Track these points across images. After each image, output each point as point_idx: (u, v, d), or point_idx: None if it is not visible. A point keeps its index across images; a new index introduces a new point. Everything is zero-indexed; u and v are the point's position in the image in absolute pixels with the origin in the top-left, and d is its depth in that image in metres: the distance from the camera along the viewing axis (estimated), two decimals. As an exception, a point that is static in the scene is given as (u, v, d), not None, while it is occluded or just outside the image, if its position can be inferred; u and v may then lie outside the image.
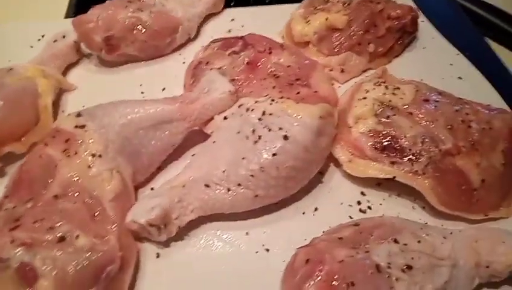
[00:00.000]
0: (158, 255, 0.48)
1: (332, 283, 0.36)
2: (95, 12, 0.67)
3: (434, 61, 0.69)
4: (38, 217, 0.44)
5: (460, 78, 0.66)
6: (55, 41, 0.69)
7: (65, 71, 0.70)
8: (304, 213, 0.51)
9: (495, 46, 0.74)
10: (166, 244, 0.48)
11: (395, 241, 0.40)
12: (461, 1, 0.80)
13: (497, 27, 0.76)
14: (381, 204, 0.51)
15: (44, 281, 0.40)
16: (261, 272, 0.46)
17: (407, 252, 0.39)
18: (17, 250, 0.41)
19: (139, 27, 0.68)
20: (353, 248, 0.39)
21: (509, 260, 0.41)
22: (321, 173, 0.54)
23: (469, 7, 0.78)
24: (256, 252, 0.48)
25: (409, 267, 0.38)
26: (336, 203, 0.52)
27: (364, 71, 0.67)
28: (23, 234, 0.42)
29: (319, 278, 0.37)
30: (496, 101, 0.60)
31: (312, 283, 0.37)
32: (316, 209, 0.51)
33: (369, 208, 0.51)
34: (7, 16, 0.85)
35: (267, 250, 0.48)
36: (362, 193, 0.52)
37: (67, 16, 0.84)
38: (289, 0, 0.78)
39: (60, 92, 0.66)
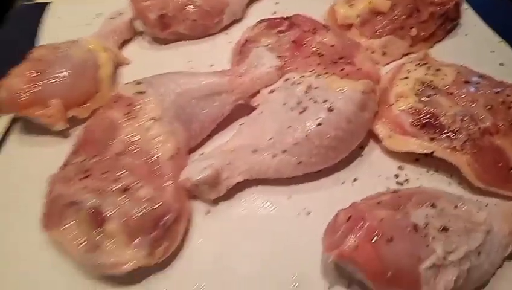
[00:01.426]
0: (208, 212, 0.52)
1: (373, 238, 0.39)
2: (151, -9, 0.72)
3: (475, 48, 0.70)
4: (105, 169, 0.49)
5: (501, 64, 0.67)
6: (112, 18, 0.74)
7: (120, 46, 0.75)
8: (343, 183, 0.54)
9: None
10: (215, 203, 0.52)
11: (433, 205, 0.42)
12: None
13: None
14: (418, 178, 0.53)
15: (112, 224, 0.45)
16: (302, 232, 0.49)
17: (444, 216, 0.41)
18: (88, 195, 0.46)
19: (190, 7, 0.72)
20: (392, 209, 0.42)
21: (543, 231, 0.43)
22: (361, 148, 0.57)
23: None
24: (298, 214, 0.51)
25: (445, 229, 0.40)
26: (374, 176, 0.54)
27: (405, 55, 0.69)
28: (93, 183, 0.47)
29: (360, 233, 0.40)
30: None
31: (353, 237, 0.40)
32: (355, 179, 0.54)
33: (406, 181, 0.53)
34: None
35: (308, 213, 0.51)
36: (400, 168, 0.55)
37: (120, -3, 0.90)
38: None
39: (116, 66, 0.71)
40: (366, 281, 0.41)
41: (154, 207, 0.46)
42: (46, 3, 0.85)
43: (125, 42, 0.76)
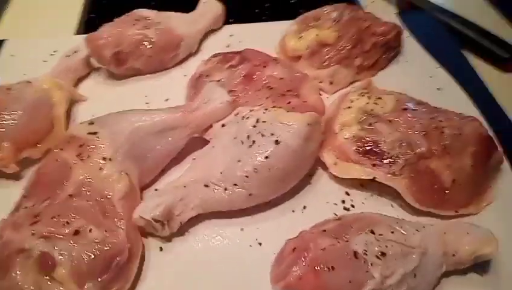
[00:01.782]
0: (161, 249, 0.53)
1: (315, 268, 0.41)
2: (105, 29, 0.73)
3: (416, 74, 0.75)
4: (56, 213, 0.49)
5: (439, 89, 0.71)
6: (67, 56, 0.75)
7: (76, 83, 0.75)
8: (293, 211, 0.56)
9: (471, 58, 0.80)
10: (168, 239, 0.53)
11: (372, 232, 0.45)
12: (442, 17, 0.86)
13: (472, 40, 0.82)
14: (363, 203, 0.56)
15: (62, 269, 0.45)
16: (254, 263, 0.51)
17: (382, 241, 0.44)
18: (38, 241, 0.46)
19: (145, 43, 0.74)
20: (335, 238, 0.44)
21: (473, 249, 0.46)
22: (309, 176, 0.59)
23: (448, 22, 0.85)
24: (250, 245, 0.53)
25: (383, 254, 0.43)
26: (322, 202, 0.57)
27: (351, 83, 0.73)
28: (42, 228, 0.47)
29: (303, 263, 0.42)
30: (471, 109, 0.66)
31: (297, 268, 0.42)
32: (304, 207, 0.56)
33: (353, 206, 0.56)
34: (18, 33, 0.91)
35: (260, 244, 0.53)
36: (346, 193, 0.58)
37: (77, 33, 0.91)
38: (283, 18, 0.85)
39: (72, 103, 0.72)
40: (312, 310, 0.42)
41: (106, 248, 0.46)
42: (1, 41, 0.85)
43: (81, 79, 0.77)
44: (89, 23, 0.93)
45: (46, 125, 0.64)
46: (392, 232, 0.45)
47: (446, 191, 0.53)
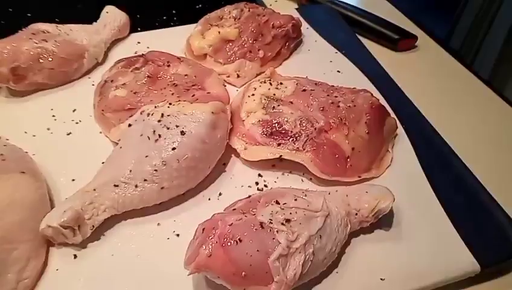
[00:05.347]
0: (75, 257, 0.51)
1: (223, 243, 0.42)
2: (-2, 46, 0.70)
3: (317, 60, 0.80)
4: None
5: (339, 71, 0.77)
6: (-40, 78, 0.71)
7: (-27, 105, 0.71)
8: (209, 199, 0.57)
9: (366, 41, 0.87)
10: (83, 245, 0.51)
11: (277, 202, 0.47)
12: (337, 8, 0.93)
13: (366, 26, 0.89)
14: (275, 181, 0.58)
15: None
16: (171, 254, 0.50)
17: (286, 209, 0.46)
18: None
19: (45, 56, 0.72)
20: (242, 213, 0.46)
21: (372, 206, 0.49)
22: (224, 164, 0.61)
23: (344, 12, 0.91)
24: (168, 238, 0.52)
25: (288, 221, 0.45)
26: (237, 187, 0.58)
27: (258, 75, 0.76)
28: None
29: (212, 241, 0.42)
30: (367, 85, 0.72)
31: (206, 246, 0.42)
32: (220, 194, 0.57)
33: (266, 186, 0.58)
34: None
35: (178, 235, 0.53)
36: (259, 175, 0.59)
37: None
38: (191, 23, 0.87)
39: (-30, 126, 0.67)
40: (227, 285, 0.43)
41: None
42: None
43: (-21, 100, 0.73)
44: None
45: None
46: (296, 200, 0.47)
47: (347, 159, 0.57)
